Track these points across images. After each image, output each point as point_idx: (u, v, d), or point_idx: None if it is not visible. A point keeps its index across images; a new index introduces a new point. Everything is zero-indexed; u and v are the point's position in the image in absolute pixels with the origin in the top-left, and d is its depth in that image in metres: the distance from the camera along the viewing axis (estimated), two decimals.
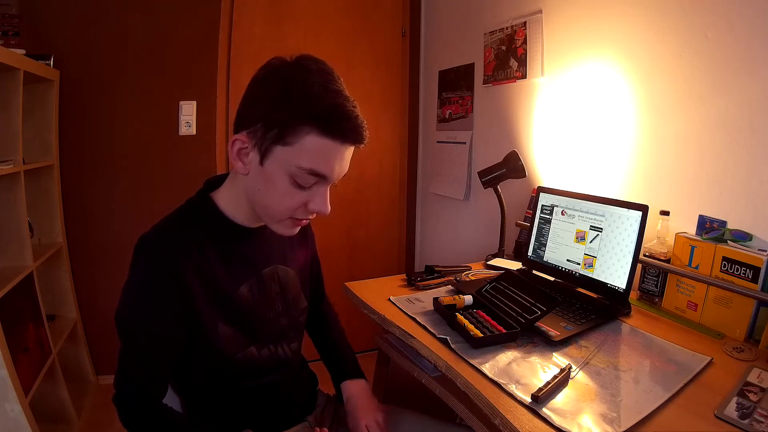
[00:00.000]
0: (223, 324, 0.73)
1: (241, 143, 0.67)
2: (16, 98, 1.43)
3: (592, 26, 1.37)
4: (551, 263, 1.23)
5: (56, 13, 1.77)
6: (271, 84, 0.65)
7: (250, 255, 0.78)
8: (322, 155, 0.65)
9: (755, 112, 0.99)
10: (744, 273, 0.93)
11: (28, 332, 1.46)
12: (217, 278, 0.72)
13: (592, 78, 1.38)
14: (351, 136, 0.65)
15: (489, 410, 0.71)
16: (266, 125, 0.64)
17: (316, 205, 0.70)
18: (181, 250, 0.69)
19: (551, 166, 1.56)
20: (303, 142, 0.64)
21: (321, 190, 0.69)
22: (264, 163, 0.66)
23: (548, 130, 1.56)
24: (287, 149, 0.64)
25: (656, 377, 0.78)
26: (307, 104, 0.63)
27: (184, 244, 0.69)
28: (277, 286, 0.83)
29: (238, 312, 0.75)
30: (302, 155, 0.64)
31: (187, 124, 1.96)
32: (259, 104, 0.66)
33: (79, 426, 1.69)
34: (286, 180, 0.66)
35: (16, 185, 1.46)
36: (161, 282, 0.67)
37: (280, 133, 0.64)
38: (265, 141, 0.65)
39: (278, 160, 0.65)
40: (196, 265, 0.69)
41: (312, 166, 0.65)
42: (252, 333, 0.77)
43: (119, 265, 2.05)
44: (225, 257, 0.74)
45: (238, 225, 0.75)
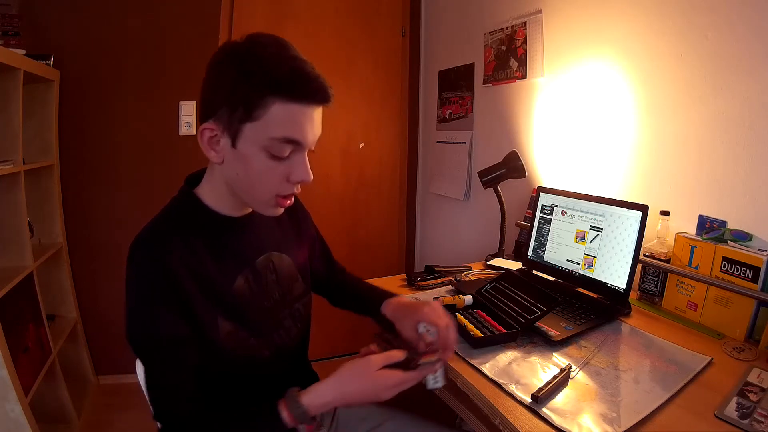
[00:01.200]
0: (223, 320, 0.72)
1: (209, 131, 0.67)
2: (16, 98, 1.43)
3: (592, 26, 1.37)
4: (551, 263, 1.23)
5: (56, 13, 1.77)
6: (226, 65, 0.65)
7: (242, 246, 0.77)
8: (292, 121, 0.64)
9: (755, 112, 0.99)
10: (744, 273, 0.93)
11: (28, 332, 1.46)
12: (212, 275, 0.71)
13: (592, 78, 1.38)
14: (316, 96, 0.65)
15: (489, 410, 0.71)
16: (230, 106, 0.64)
17: (298, 174, 0.68)
18: (171, 251, 0.67)
19: (551, 166, 1.56)
20: (270, 112, 0.63)
21: (299, 158, 0.68)
22: (236, 144, 0.66)
23: (548, 130, 1.56)
24: (256, 124, 0.63)
25: (656, 377, 0.78)
26: (266, 74, 0.62)
27: (174, 245, 0.68)
28: (273, 274, 0.81)
29: (236, 306, 0.74)
30: (272, 126, 0.63)
31: (187, 124, 1.96)
32: (219, 88, 0.65)
33: (79, 426, 1.69)
34: (262, 156, 0.65)
35: (16, 185, 1.46)
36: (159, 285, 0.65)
37: (246, 110, 0.63)
38: (233, 122, 0.64)
39: (250, 137, 0.64)
40: (188, 265, 0.68)
41: (284, 134, 0.64)
42: (251, 326, 0.76)
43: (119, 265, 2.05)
44: (216, 252, 0.72)
45: (225, 216, 0.74)
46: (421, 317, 0.78)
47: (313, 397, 0.65)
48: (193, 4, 1.89)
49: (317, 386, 0.67)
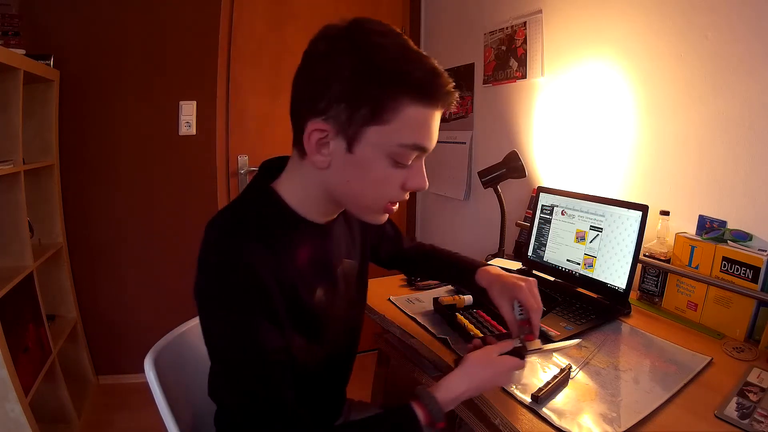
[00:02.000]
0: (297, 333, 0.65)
1: (320, 132, 0.57)
2: (16, 98, 1.43)
3: (592, 26, 1.37)
4: (551, 263, 1.23)
5: (56, 13, 1.77)
6: (340, 57, 0.55)
7: (325, 255, 0.70)
8: (424, 126, 0.58)
9: (755, 112, 0.99)
10: (744, 273, 0.93)
11: (28, 332, 1.46)
12: (295, 283, 0.64)
13: (592, 78, 1.38)
14: (447, 99, 0.59)
15: (489, 410, 0.71)
16: (352, 105, 0.55)
17: (416, 181, 0.62)
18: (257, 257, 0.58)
19: (551, 166, 1.56)
20: (402, 116, 0.56)
21: (418, 164, 0.62)
22: (354, 149, 0.57)
23: (548, 130, 1.56)
24: (384, 128, 0.56)
25: (656, 377, 0.78)
26: (400, 72, 0.55)
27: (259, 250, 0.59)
28: (344, 284, 0.76)
29: (312, 319, 0.68)
30: (403, 131, 0.56)
31: (187, 124, 1.96)
32: (334, 82, 0.55)
33: (79, 426, 1.69)
34: (385, 162, 0.58)
35: (16, 185, 1.46)
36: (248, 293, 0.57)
37: (373, 111, 0.55)
38: (353, 124, 0.56)
39: (373, 142, 0.57)
40: (274, 272, 0.59)
41: (415, 140, 0.58)
42: (319, 338, 0.70)
43: (119, 265, 2.07)
44: (302, 260, 0.66)
45: (310, 222, 0.66)
46: (519, 295, 0.75)
47: (445, 391, 0.64)
48: (193, 4, 1.89)
49: (447, 381, 0.66)
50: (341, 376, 0.85)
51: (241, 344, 0.57)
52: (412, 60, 0.56)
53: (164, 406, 0.73)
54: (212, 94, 1.96)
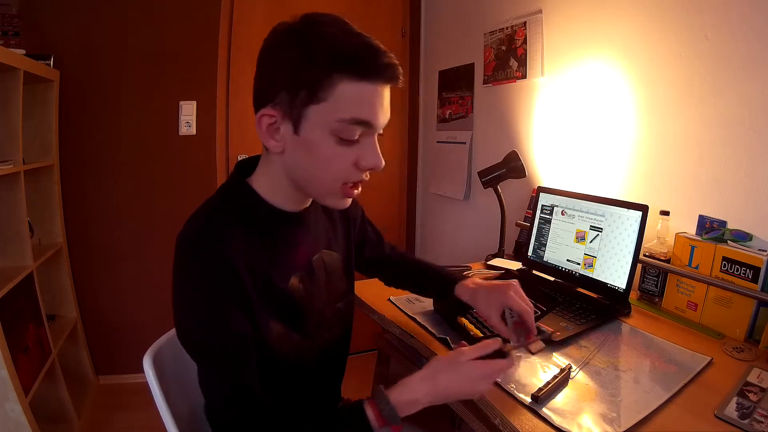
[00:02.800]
0: (274, 320, 0.67)
1: (268, 118, 0.61)
2: (16, 98, 1.43)
3: (592, 26, 1.37)
4: (551, 263, 1.23)
5: (56, 13, 1.77)
6: (285, 47, 0.59)
7: (298, 243, 0.72)
8: (362, 100, 0.59)
9: (755, 112, 0.99)
10: (744, 273, 0.93)
11: (28, 332, 1.46)
12: (268, 272, 0.66)
13: (592, 78, 1.38)
14: (385, 73, 0.59)
15: (489, 410, 0.71)
16: (292, 89, 0.59)
17: (369, 159, 0.63)
18: (230, 243, 0.61)
19: (551, 166, 1.56)
20: (337, 92, 0.58)
21: (369, 141, 0.63)
22: (300, 130, 0.60)
23: (548, 130, 1.56)
24: (323, 106, 0.58)
25: (656, 377, 0.78)
26: (332, 51, 0.57)
27: (231, 237, 0.62)
28: (323, 274, 0.77)
29: (289, 306, 0.69)
30: (341, 106, 0.58)
31: (187, 124, 1.96)
32: (279, 71, 0.60)
33: (79, 426, 1.69)
34: (330, 140, 0.60)
35: (16, 185, 1.46)
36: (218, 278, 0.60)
37: (310, 92, 0.58)
38: (295, 106, 0.59)
39: (315, 121, 0.59)
40: (246, 259, 0.62)
41: (354, 114, 0.59)
42: (300, 326, 0.71)
43: (119, 265, 2.07)
44: (273, 247, 0.68)
45: (282, 210, 0.69)
46: (507, 302, 0.77)
47: (402, 392, 0.61)
48: (193, 4, 1.89)
49: (406, 382, 0.62)
50: (335, 374, 0.85)
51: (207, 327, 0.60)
52: (345, 40, 0.58)
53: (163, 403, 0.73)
54: (212, 94, 1.96)
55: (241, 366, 0.61)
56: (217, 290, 0.60)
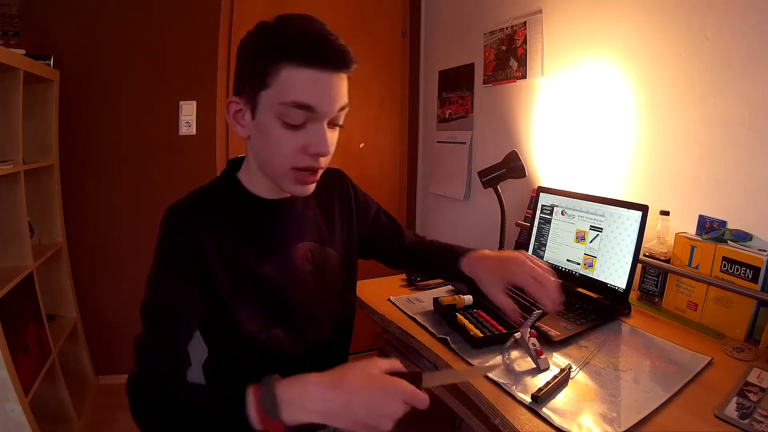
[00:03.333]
0: (245, 302, 0.69)
1: (235, 105, 0.68)
2: (16, 98, 1.43)
3: (592, 26, 1.37)
4: (551, 263, 1.23)
5: (56, 13, 1.77)
6: (250, 42, 0.66)
7: (277, 230, 0.74)
8: (304, 85, 0.62)
9: (755, 112, 0.99)
10: (744, 273, 0.93)
11: (28, 332, 1.46)
12: (241, 255, 0.69)
13: (592, 78, 1.38)
14: (329, 59, 0.62)
15: (489, 410, 0.71)
16: (250, 78, 0.64)
17: (315, 145, 0.65)
18: (202, 222, 0.67)
19: (551, 166, 1.56)
20: (280, 77, 0.62)
21: (315, 127, 0.65)
22: (255, 115, 0.66)
23: (548, 130, 1.56)
24: (269, 91, 0.63)
25: (656, 377, 0.78)
26: (281, 41, 0.61)
27: (206, 218, 0.68)
28: (310, 266, 0.77)
29: (262, 290, 0.71)
30: (283, 91, 0.62)
31: (187, 124, 1.96)
32: (244, 64, 0.66)
33: (79, 426, 1.69)
34: (276, 124, 0.64)
35: (16, 185, 1.46)
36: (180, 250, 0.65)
37: (260, 79, 0.63)
38: (252, 94, 0.65)
39: (265, 106, 0.64)
40: (217, 241, 0.67)
41: (294, 98, 0.62)
42: (277, 314, 0.73)
43: (119, 265, 2.06)
44: (249, 233, 0.71)
45: (261, 198, 0.73)
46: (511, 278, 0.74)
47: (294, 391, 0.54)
48: (193, 4, 1.89)
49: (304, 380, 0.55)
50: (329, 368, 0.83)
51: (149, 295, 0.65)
52: (293, 30, 0.62)
53: None
54: (212, 94, 1.96)
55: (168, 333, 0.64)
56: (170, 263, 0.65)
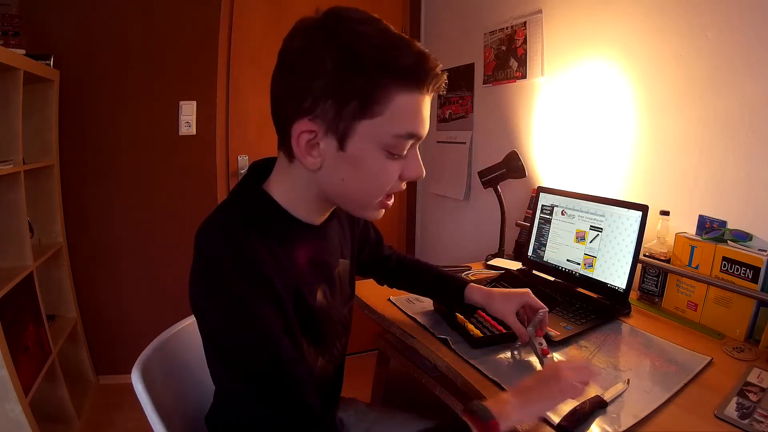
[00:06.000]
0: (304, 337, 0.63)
1: (309, 134, 0.54)
2: (16, 98, 1.43)
3: (592, 26, 1.37)
4: (551, 263, 1.23)
5: (56, 13, 1.77)
6: (320, 49, 0.52)
7: (322, 256, 0.68)
8: (416, 113, 0.55)
9: (755, 112, 0.99)
10: (744, 273, 0.93)
11: (28, 332, 1.46)
12: (297, 284, 0.61)
13: (592, 78, 1.38)
14: (436, 83, 0.56)
15: None
16: (339, 100, 0.52)
17: (414, 170, 0.60)
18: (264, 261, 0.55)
19: (551, 166, 1.56)
20: (393, 105, 0.53)
21: (413, 152, 0.60)
22: (346, 146, 0.55)
23: (548, 130, 1.56)
24: (376, 120, 0.53)
25: (656, 377, 0.78)
26: (387, 60, 0.52)
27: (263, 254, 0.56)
28: (340, 284, 0.74)
29: (315, 322, 0.65)
30: (396, 121, 0.54)
31: (187, 124, 1.96)
32: (317, 77, 0.52)
33: (79, 426, 1.69)
34: (380, 155, 0.56)
35: (16, 185, 1.46)
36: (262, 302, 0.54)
37: (363, 104, 0.52)
38: (343, 120, 0.53)
39: (366, 136, 0.54)
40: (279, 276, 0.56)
41: (410, 129, 0.55)
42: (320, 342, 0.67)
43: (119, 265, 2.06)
44: (297, 261, 0.63)
45: (305, 223, 0.64)
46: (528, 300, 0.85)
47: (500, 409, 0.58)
48: (193, 5, 1.89)
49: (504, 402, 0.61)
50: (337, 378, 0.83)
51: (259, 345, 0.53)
52: (397, 45, 0.53)
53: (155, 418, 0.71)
54: (212, 94, 1.96)
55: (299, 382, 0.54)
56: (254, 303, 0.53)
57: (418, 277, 0.99)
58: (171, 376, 0.82)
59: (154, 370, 0.79)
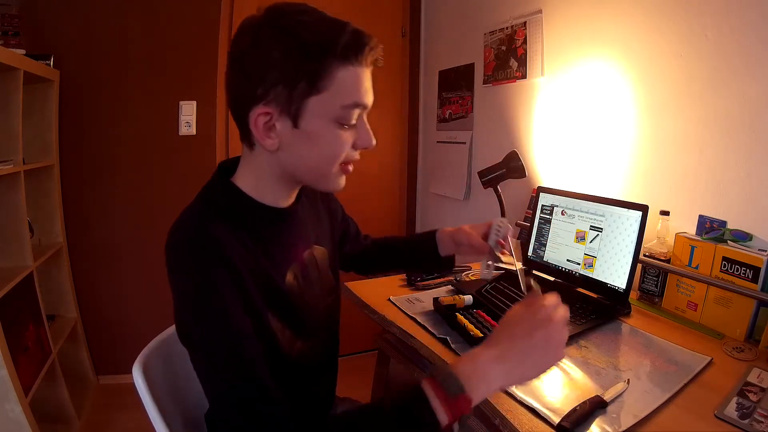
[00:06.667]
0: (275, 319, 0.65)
1: (265, 116, 0.60)
2: (16, 98, 1.43)
3: (592, 26, 1.37)
4: (551, 263, 1.23)
5: (56, 13, 1.77)
6: (269, 42, 0.58)
7: (289, 239, 0.72)
8: (358, 84, 0.61)
9: (755, 112, 0.99)
10: (744, 273, 0.93)
11: (28, 332, 1.46)
12: (264, 267, 0.64)
13: (592, 78, 1.38)
14: (372, 55, 0.62)
15: (489, 410, 0.71)
16: (288, 84, 0.58)
17: (364, 139, 0.65)
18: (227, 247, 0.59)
19: (551, 166, 1.55)
20: (337, 80, 0.59)
21: (362, 122, 0.65)
22: (300, 123, 0.60)
23: (548, 130, 1.56)
24: (323, 96, 0.59)
25: (656, 377, 0.78)
26: (325, 41, 0.58)
27: (225, 234, 0.60)
28: (316, 270, 0.77)
29: (287, 304, 0.68)
30: (341, 93, 0.60)
31: (187, 124, 1.96)
32: (269, 67, 0.58)
33: (79, 426, 1.69)
34: (332, 127, 0.62)
35: (16, 185, 1.46)
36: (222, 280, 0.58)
37: (310, 84, 0.58)
38: (294, 100, 0.59)
39: (316, 111, 0.60)
40: (242, 257, 0.61)
41: (355, 99, 0.61)
42: (298, 325, 0.70)
43: (119, 265, 2.06)
44: (264, 245, 0.66)
45: (271, 207, 0.68)
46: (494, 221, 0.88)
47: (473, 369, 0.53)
48: (193, 5, 1.89)
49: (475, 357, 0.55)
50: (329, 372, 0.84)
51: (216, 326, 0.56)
52: (334, 28, 0.59)
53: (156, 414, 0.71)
54: (212, 94, 1.96)
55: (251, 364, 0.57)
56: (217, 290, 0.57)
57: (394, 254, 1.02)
58: (171, 373, 0.82)
59: (155, 368, 0.79)
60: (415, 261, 1.01)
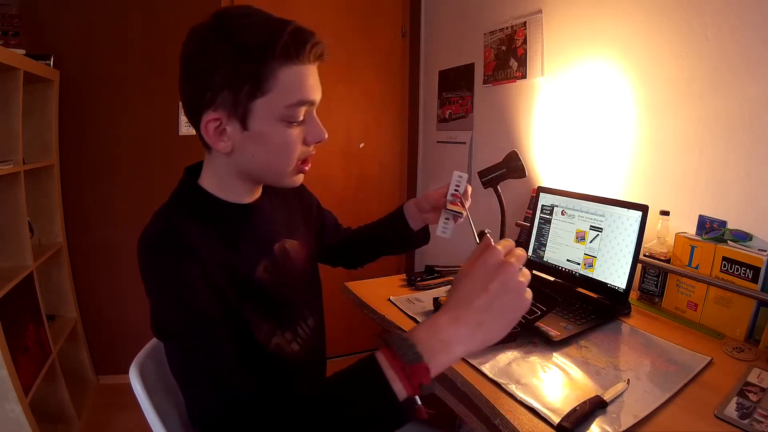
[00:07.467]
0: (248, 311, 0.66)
1: (214, 122, 0.61)
2: (16, 98, 1.43)
3: (592, 26, 1.37)
4: (551, 263, 1.23)
5: (56, 13, 1.77)
6: (211, 48, 0.59)
7: (257, 233, 0.73)
8: (302, 82, 0.62)
9: (755, 112, 0.99)
10: (744, 273, 0.93)
11: (28, 332, 1.46)
12: (232, 263, 0.66)
13: (592, 78, 1.38)
14: (316, 52, 0.62)
15: (489, 410, 0.71)
16: (233, 88, 0.59)
17: (315, 134, 0.66)
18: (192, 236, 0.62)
19: (551, 166, 1.55)
20: (279, 80, 0.59)
21: (311, 117, 0.66)
22: (248, 125, 0.61)
23: (548, 130, 1.56)
24: (268, 97, 0.60)
25: (656, 377, 0.78)
26: (266, 43, 0.58)
27: (192, 231, 0.63)
28: (289, 262, 0.78)
29: (261, 297, 0.69)
30: (285, 93, 0.60)
31: (187, 124, 1.96)
32: (213, 73, 0.59)
33: (79, 426, 1.69)
34: (280, 126, 0.62)
35: (16, 185, 1.46)
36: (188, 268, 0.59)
37: (254, 86, 0.59)
38: (240, 104, 0.60)
39: (263, 113, 0.61)
40: (209, 251, 0.63)
41: (299, 97, 0.61)
42: (273, 317, 0.71)
43: (119, 265, 2.06)
44: (232, 241, 0.68)
45: (235, 204, 0.71)
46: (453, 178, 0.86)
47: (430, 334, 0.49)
48: (193, 4, 1.89)
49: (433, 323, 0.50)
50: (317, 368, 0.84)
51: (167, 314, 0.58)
52: (275, 29, 0.59)
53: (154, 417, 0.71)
54: None
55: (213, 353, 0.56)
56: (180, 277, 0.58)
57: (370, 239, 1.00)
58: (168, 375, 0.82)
59: (152, 369, 0.79)
60: (390, 243, 0.99)
